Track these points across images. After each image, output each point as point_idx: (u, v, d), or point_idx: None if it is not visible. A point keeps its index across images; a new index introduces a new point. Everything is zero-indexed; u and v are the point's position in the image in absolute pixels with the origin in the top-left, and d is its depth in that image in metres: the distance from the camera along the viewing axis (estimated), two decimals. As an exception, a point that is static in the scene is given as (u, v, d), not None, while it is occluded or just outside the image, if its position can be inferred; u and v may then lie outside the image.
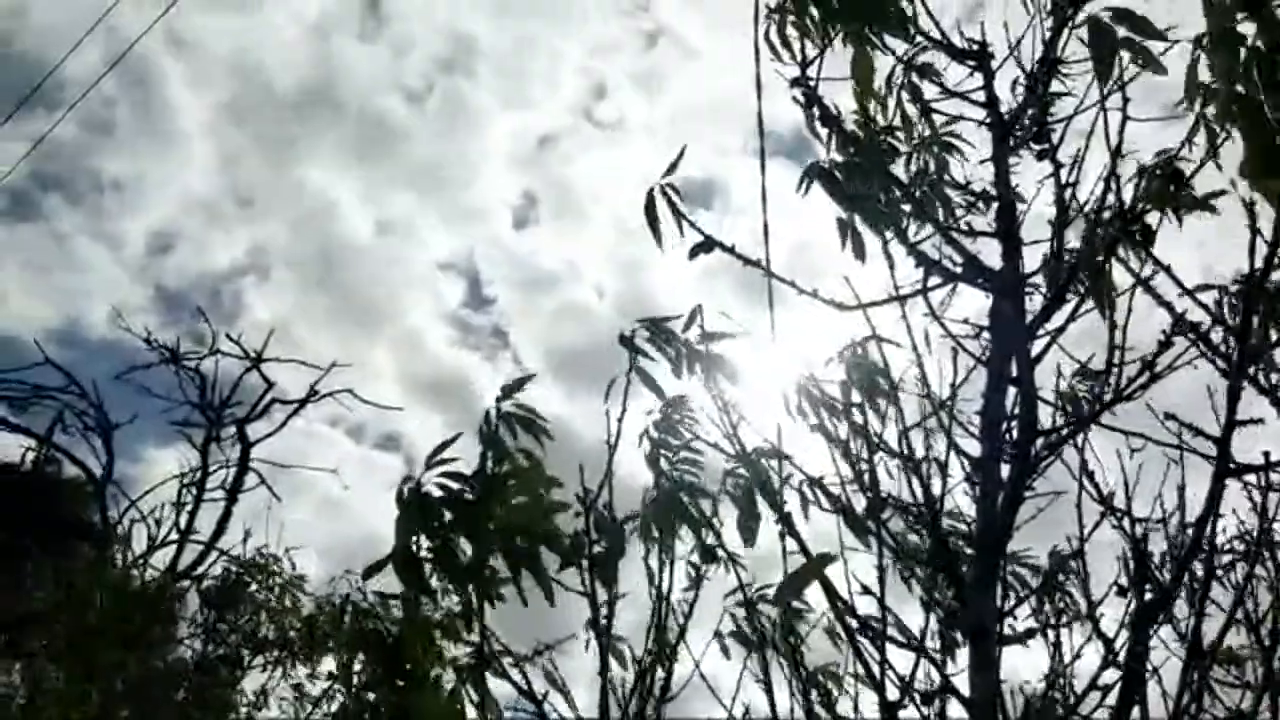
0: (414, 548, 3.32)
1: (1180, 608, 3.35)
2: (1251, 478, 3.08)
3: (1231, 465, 3.04)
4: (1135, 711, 3.04)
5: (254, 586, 7.64)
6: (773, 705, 3.56)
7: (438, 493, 3.39)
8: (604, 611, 3.44)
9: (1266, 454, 3.06)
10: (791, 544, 3.56)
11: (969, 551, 3.55)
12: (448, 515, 3.34)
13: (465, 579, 3.25)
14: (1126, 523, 3.24)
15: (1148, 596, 3.22)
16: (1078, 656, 3.33)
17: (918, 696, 3.10)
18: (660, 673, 3.80)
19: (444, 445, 3.41)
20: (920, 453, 3.60)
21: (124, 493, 8.92)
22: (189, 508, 8.78)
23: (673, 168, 3.56)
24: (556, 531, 3.03)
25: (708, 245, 3.89)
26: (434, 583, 3.40)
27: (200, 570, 8.10)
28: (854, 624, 3.15)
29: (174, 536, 8.55)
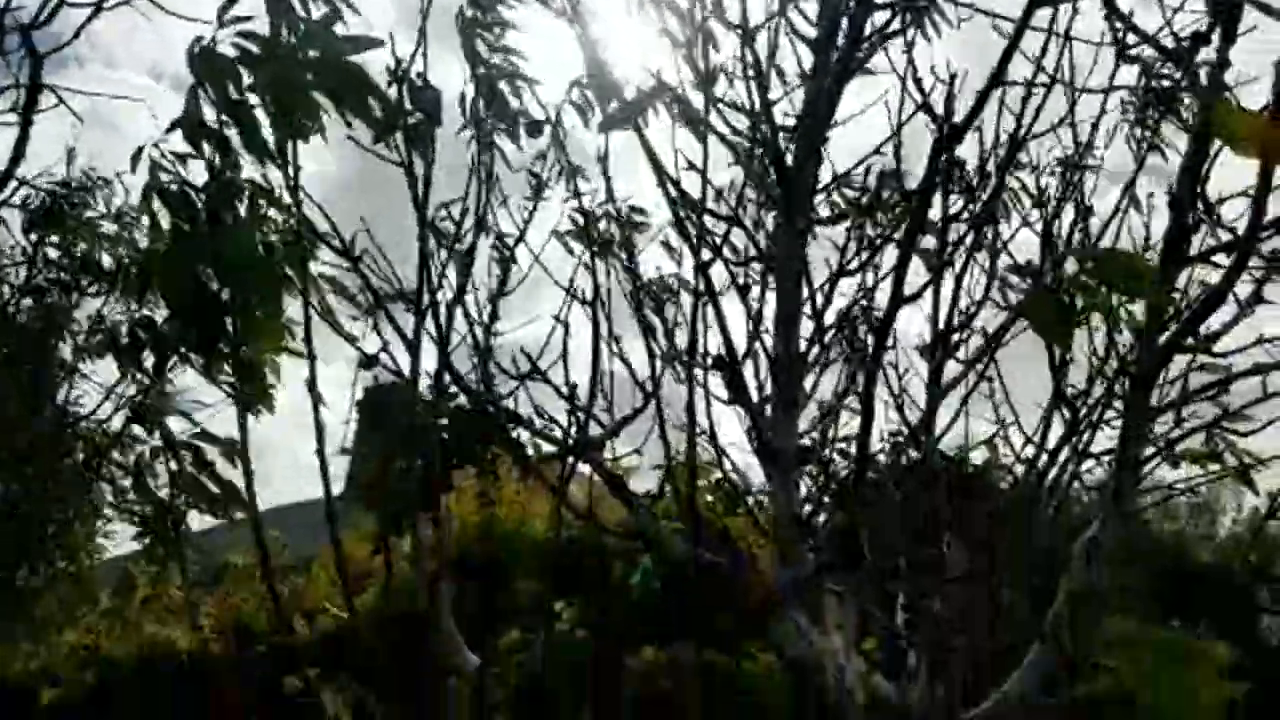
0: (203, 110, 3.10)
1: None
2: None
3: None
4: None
5: (88, 212, 7.10)
6: (595, 290, 3.63)
7: (233, 53, 3.13)
8: (420, 186, 3.35)
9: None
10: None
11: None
12: (245, 76, 3.10)
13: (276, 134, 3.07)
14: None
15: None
16: (885, 240, 3.47)
17: (730, 258, 3.18)
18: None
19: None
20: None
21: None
22: (-27, 130, 7.99)
23: None
24: (365, 78, 2.83)
25: None
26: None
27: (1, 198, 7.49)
28: (675, 194, 3.15)
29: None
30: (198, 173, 3.37)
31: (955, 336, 3.60)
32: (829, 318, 3.47)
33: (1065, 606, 3.03)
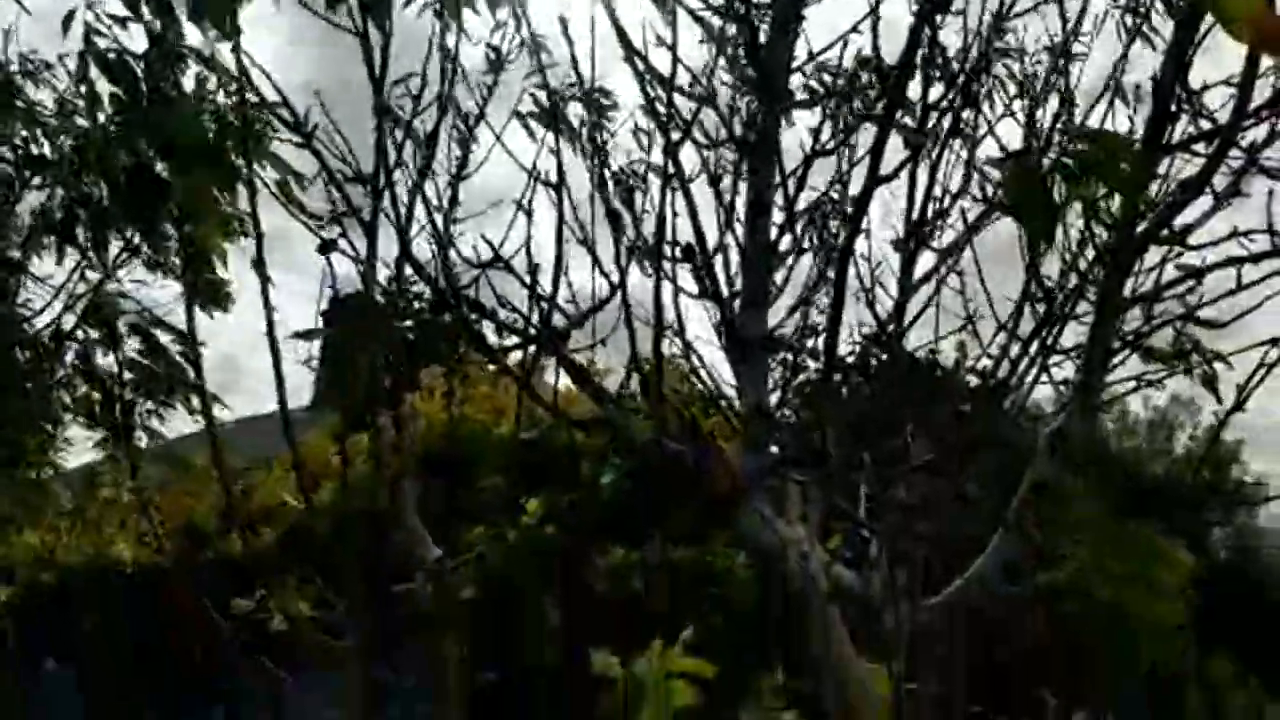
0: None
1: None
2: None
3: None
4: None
5: (29, 96, 6.74)
6: (560, 174, 3.49)
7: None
8: (377, 56, 3.17)
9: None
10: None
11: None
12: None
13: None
14: None
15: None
16: (862, 119, 3.36)
17: (700, 139, 3.07)
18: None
19: None
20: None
21: None
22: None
23: None
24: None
25: None
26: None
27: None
28: (644, 69, 3.01)
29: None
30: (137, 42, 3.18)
31: (930, 227, 3.51)
32: (801, 205, 3.37)
33: (1029, 495, 3.02)
